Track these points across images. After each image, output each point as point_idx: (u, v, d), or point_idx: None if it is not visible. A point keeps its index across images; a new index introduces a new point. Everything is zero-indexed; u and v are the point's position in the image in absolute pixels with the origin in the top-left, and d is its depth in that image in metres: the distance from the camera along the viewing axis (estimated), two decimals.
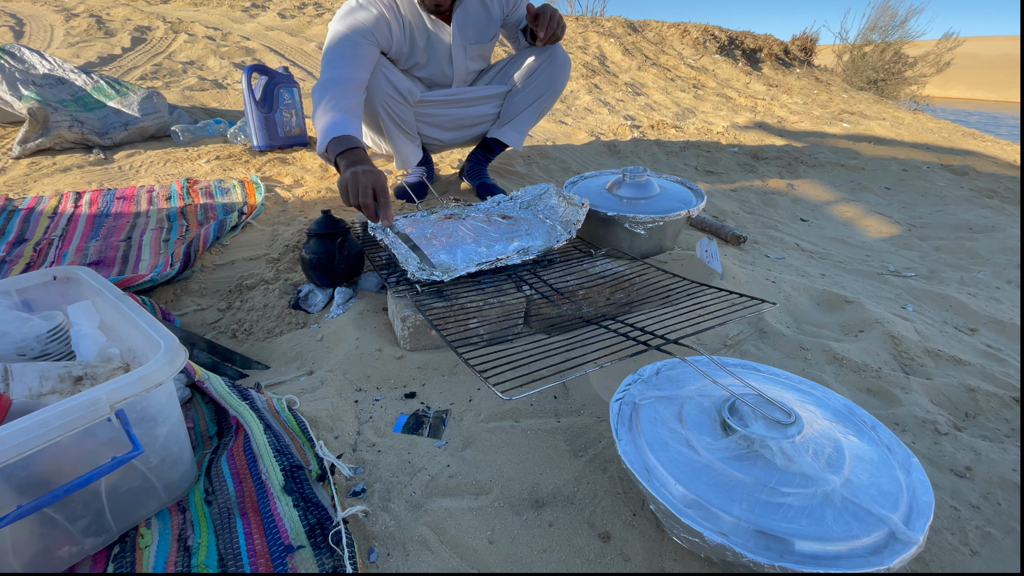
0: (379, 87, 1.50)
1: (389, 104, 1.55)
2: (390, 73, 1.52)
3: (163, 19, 4.19)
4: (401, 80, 1.55)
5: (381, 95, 1.52)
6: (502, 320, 1.07)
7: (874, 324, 1.22)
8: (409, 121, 1.64)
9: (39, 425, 0.52)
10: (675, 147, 2.99)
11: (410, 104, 1.61)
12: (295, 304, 1.19)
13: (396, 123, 1.61)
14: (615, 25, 6.18)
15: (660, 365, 0.84)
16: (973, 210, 2.49)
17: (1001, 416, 0.97)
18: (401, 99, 1.57)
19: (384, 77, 1.51)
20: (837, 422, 0.71)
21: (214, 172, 1.95)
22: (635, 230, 1.39)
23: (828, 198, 2.56)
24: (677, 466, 0.63)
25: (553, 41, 1.50)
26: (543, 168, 2.35)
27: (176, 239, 1.46)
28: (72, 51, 3.44)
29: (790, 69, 6.58)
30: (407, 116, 1.62)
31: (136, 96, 2.27)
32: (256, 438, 0.76)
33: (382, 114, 1.56)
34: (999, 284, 1.66)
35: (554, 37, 1.48)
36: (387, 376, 0.98)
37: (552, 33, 1.47)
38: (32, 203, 1.63)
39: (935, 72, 9.41)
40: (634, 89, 4.58)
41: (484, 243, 1.22)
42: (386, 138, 1.66)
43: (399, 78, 1.54)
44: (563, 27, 1.50)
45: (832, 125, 4.16)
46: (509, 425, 0.87)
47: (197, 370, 0.89)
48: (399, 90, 1.54)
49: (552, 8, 1.46)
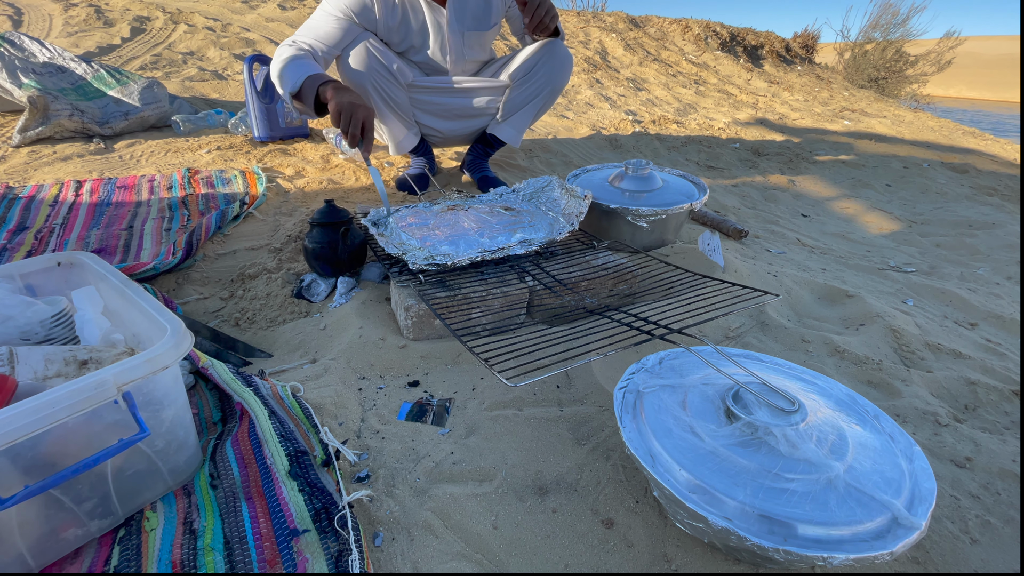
0: (368, 65, 1.50)
1: (379, 83, 1.54)
2: (379, 51, 1.51)
3: (162, 9, 4.17)
4: (391, 58, 1.54)
5: (371, 73, 1.51)
6: (505, 310, 1.08)
7: (875, 318, 1.23)
8: (403, 104, 1.63)
9: (47, 406, 0.52)
10: (676, 142, 2.98)
11: (402, 85, 1.60)
12: (298, 293, 1.19)
13: (388, 104, 1.60)
14: (617, 20, 6.15)
15: (663, 355, 0.85)
16: (973, 207, 2.49)
17: (1001, 409, 0.98)
18: (391, 78, 1.55)
19: (372, 55, 1.50)
20: (840, 411, 0.71)
21: (215, 162, 1.94)
22: (637, 223, 1.39)
23: (829, 194, 2.56)
24: (681, 452, 0.63)
25: (540, 29, 1.45)
26: (544, 162, 2.35)
27: (178, 228, 1.46)
28: (71, 40, 3.42)
29: (791, 66, 6.56)
30: (399, 98, 1.61)
31: (137, 85, 2.25)
32: (261, 423, 0.76)
33: (372, 93, 1.55)
34: (999, 280, 1.67)
35: (541, 24, 1.43)
36: (390, 365, 0.98)
37: (539, 20, 1.41)
38: (33, 191, 1.62)
39: (936, 71, 9.41)
40: (635, 84, 4.57)
41: (487, 234, 1.22)
42: (379, 119, 1.63)
43: (388, 56, 1.53)
44: (552, 15, 1.44)
45: (833, 122, 4.15)
46: (512, 413, 0.87)
47: (201, 357, 0.89)
48: (388, 68, 1.53)
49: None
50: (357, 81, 1.52)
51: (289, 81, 1.35)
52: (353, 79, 1.53)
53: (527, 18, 1.42)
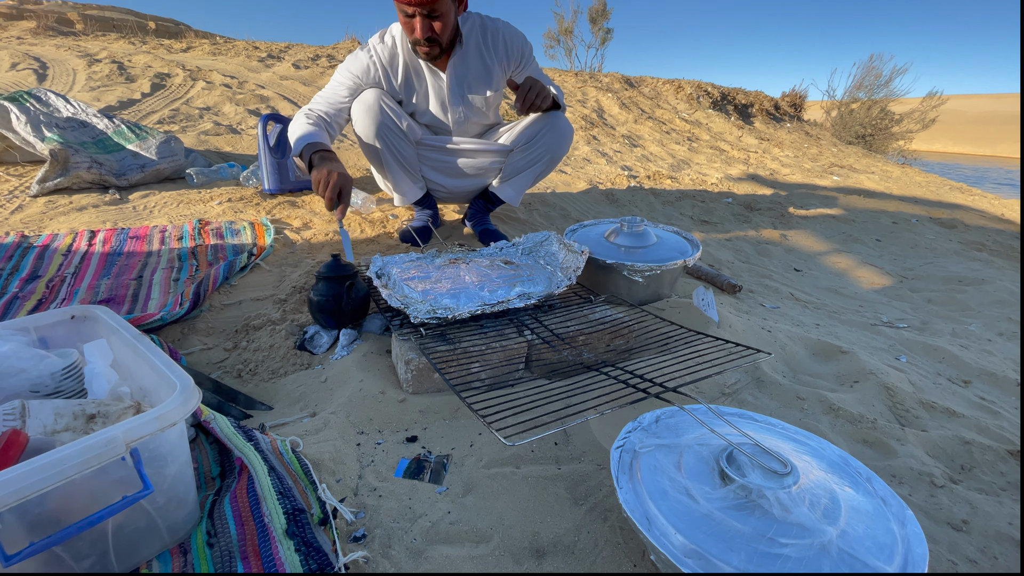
0: (380, 121, 1.61)
1: (389, 137, 1.65)
2: (391, 109, 1.63)
3: (182, 67, 4.40)
4: (401, 115, 1.66)
5: (382, 128, 1.62)
6: (504, 365, 1.10)
7: (869, 375, 1.25)
8: (411, 158, 1.73)
9: (58, 463, 0.53)
10: (671, 197, 3.08)
11: (411, 141, 1.71)
12: (300, 345, 1.21)
13: (396, 158, 1.70)
14: (612, 80, 6.48)
15: (660, 413, 0.86)
16: (962, 262, 2.56)
17: (996, 469, 0.98)
18: (401, 134, 1.67)
19: (385, 111, 1.61)
20: (832, 473, 0.72)
21: (225, 214, 2.01)
22: (633, 278, 1.44)
23: (821, 249, 2.63)
24: (677, 515, 0.64)
25: (532, 110, 1.56)
26: (544, 215, 2.43)
27: (186, 279, 1.50)
28: (93, 94, 3.59)
29: (781, 123, 6.85)
30: (408, 153, 1.71)
31: (155, 140, 2.36)
32: (260, 480, 0.77)
33: (382, 147, 1.66)
34: (990, 336, 1.69)
35: (533, 106, 1.54)
36: (389, 419, 0.99)
37: (531, 103, 1.53)
38: (47, 240, 1.67)
39: (921, 128, 9.80)
40: (631, 141, 4.76)
41: (487, 287, 1.26)
42: (386, 171, 1.73)
43: (399, 113, 1.65)
44: (544, 97, 1.55)
45: (823, 178, 4.30)
46: (510, 471, 0.88)
47: (204, 410, 0.90)
48: (399, 125, 1.65)
49: (534, 81, 1.53)
50: (368, 134, 1.63)
51: (295, 148, 1.52)
52: (364, 132, 1.63)
53: (519, 102, 1.53)
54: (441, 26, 1.47)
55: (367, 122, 1.61)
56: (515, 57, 1.69)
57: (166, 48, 5.53)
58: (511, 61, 1.70)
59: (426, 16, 1.44)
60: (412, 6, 1.41)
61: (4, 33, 6.21)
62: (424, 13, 1.43)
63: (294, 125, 1.56)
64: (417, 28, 1.46)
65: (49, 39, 5.75)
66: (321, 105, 1.61)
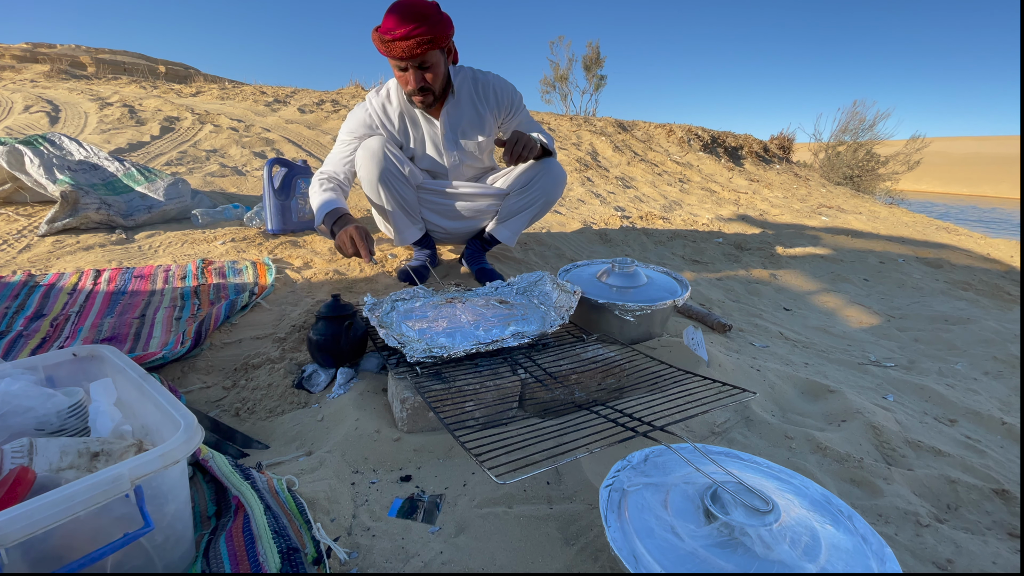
0: (383, 167, 1.71)
1: (391, 182, 1.74)
2: (394, 156, 1.73)
3: (191, 111, 4.56)
4: (403, 161, 1.76)
5: (385, 173, 1.72)
6: (498, 403, 1.12)
7: (856, 414, 1.27)
8: (412, 201, 1.82)
9: (66, 499, 0.55)
10: (663, 236, 3.17)
11: (412, 186, 1.80)
12: (298, 383, 1.24)
13: (398, 201, 1.79)
14: (606, 124, 6.71)
15: (648, 451, 0.89)
16: (949, 302, 2.61)
17: (982, 508, 1.00)
18: (403, 179, 1.77)
19: (388, 157, 1.71)
20: (814, 511, 0.74)
21: (228, 253, 2.06)
22: (625, 317, 1.48)
23: (810, 288, 2.69)
24: (662, 553, 0.66)
25: (520, 161, 1.65)
26: (539, 254, 2.49)
27: (188, 317, 1.53)
28: (104, 137, 3.72)
29: (770, 165, 7.06)
30: (410, 196, 1.81)
31: (163, 182, 2.44)
32: (256, 519, 0.78)
33: (384, 192, 1.75)
34: (976, 375, 1.72)
35: (520, 158, 1.64)
36: (384, 458, 1.01)
37: (518, 155, 1.63)
38: (53, 279, 1.71)
39: (906, 169, 10.11)
40: (624, 183, 4.90)
41: (482, 326, 1.29)
42: (388, 214, 1.82)
43: (402, 159, 1.75)
44: (530, 149, 1.64)
45: (811, 218, 4.41)
46: (502, 511, 0.89)
47: (202, 449, 0.92)
48: (401, 171, 1.75)
49: (520, 134, 1.63)
50: (372, 179, 1.72)
51: (316, 218, 1.72)
52: (368, 177, 1.72)
53: (507, 155, 1.63)
54: (432, 76, 1.59)
55: (371, 167, 1.70)
56: (505, 105, 1.79)
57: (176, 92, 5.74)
58: (502, 109, 1.80)
59: (418, 68, 1.56)
60: (404, 60, 1.53)
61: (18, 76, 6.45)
62: (416, 65, 1.55)
63: (312, 193, 1.75)
64: (411, 80, 1.58)
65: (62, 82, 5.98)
66: (331, 167, 1.78)
